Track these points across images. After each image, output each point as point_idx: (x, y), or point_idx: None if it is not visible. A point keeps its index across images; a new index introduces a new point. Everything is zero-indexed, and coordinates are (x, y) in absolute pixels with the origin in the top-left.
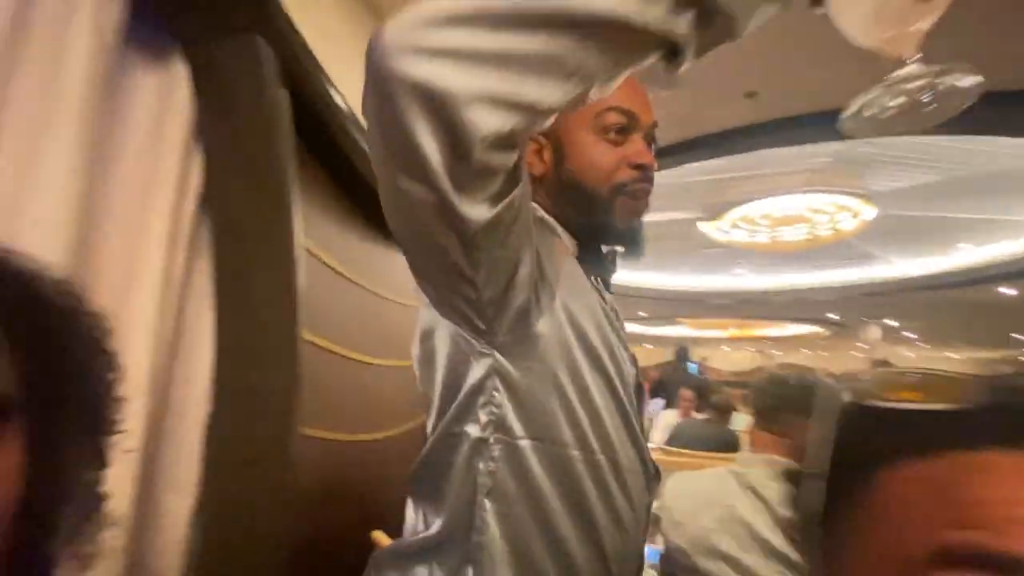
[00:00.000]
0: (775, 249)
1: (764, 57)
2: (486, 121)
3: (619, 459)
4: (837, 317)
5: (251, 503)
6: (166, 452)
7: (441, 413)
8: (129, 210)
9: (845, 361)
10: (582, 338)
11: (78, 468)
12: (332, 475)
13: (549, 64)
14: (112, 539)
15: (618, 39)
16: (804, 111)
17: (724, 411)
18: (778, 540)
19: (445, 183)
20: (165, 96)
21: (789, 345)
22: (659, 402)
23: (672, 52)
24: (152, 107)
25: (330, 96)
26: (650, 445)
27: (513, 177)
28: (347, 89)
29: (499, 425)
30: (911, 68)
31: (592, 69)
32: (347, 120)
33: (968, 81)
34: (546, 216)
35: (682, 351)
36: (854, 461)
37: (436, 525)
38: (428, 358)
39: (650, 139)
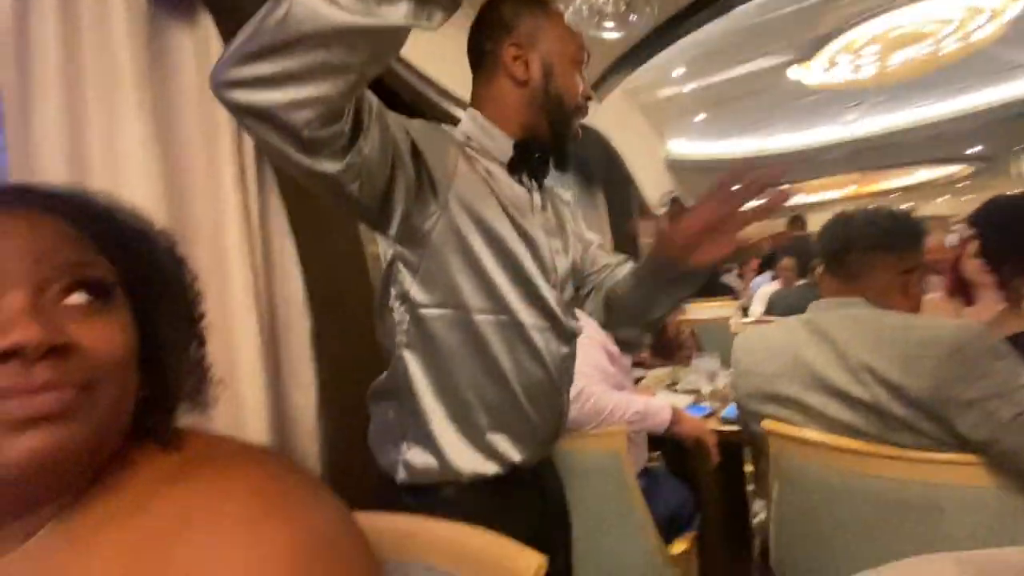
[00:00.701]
0: (890, 80)
1: None
2: (300, 116)
3: (520, 318)
4: (981, 149)
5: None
6: (285, 358)
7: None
8: (198, 160)
9: None
10: (479, 223)
11: (178, 342)
12: None
13: (321, 69)
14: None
15: (355, 39)
16: None
17: None
18: (843, 378)
19: (297, 155)
20: (203, 51)
21: (923, 194)
22: (765, 276)
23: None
24: (194, 63)
25: None
26: (747, 319)
27: (354, 132)
28: None
29: (404, 297)
30: None
31: (355, 61)
32: None
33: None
34: (472, 129)
35: (795, 220)
36: None
37: (387, 371)
38: None
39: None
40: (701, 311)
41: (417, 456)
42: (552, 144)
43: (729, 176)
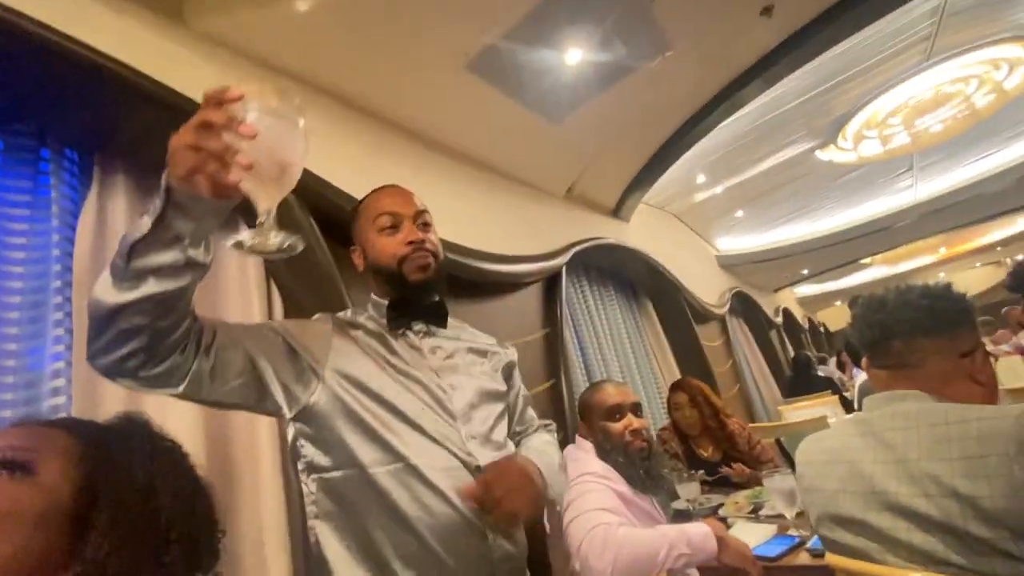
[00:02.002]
0: (931, 142)
1: None
2: (128, 366)
3: (414, 462)
4: None
5: None
6: None
7: None
8: None
9: None
10: (357, 384)
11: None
12: None
13: (119, 336)
14: None
15: (128, 311)
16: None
17: None
18: (906, 491)
19: (144, 389)
20: (241, 259)
21: None
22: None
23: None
24: (235, 266)
25: (341, 197)
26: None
27: (186, 363)
28: (351, 184)
29: (310, 467)
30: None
31: (143, 323)
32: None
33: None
34: (344, 313)
35: (854, 301)
36: None
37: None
38: None
39: (419, 220)
40: (795, 414)
41: None
42: (405, 295)
43: None
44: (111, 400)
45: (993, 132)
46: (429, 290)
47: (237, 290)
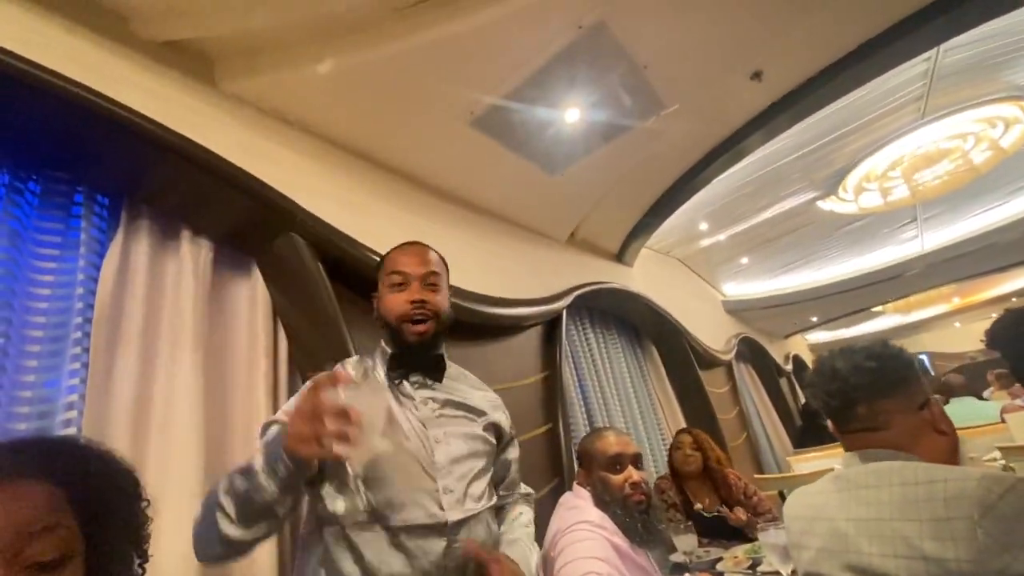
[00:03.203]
0: (931, 195)
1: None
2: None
3: (389, 517)
4: None
5: None
6: None
7: None
8: (242, 384)
9: None
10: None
11: (127, 569)
12: None
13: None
14: None
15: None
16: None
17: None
18: (877, 550)
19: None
20: (251, 295)
21: None
22: None
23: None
24: (245, 304)
25: (349, 243)
26: None
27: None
28: (361, 229)
29: (319, 518)
30: None
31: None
32: (366, 251)
33: None
34: (376, 354)
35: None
36: None
37: None
38: None
39: (426, 282)
40: (804, 465)
41: None
42: (408, 350)
43: None
44: (119, 432)
45: (995, 186)
46: (427, 347)
47: (245, 326)
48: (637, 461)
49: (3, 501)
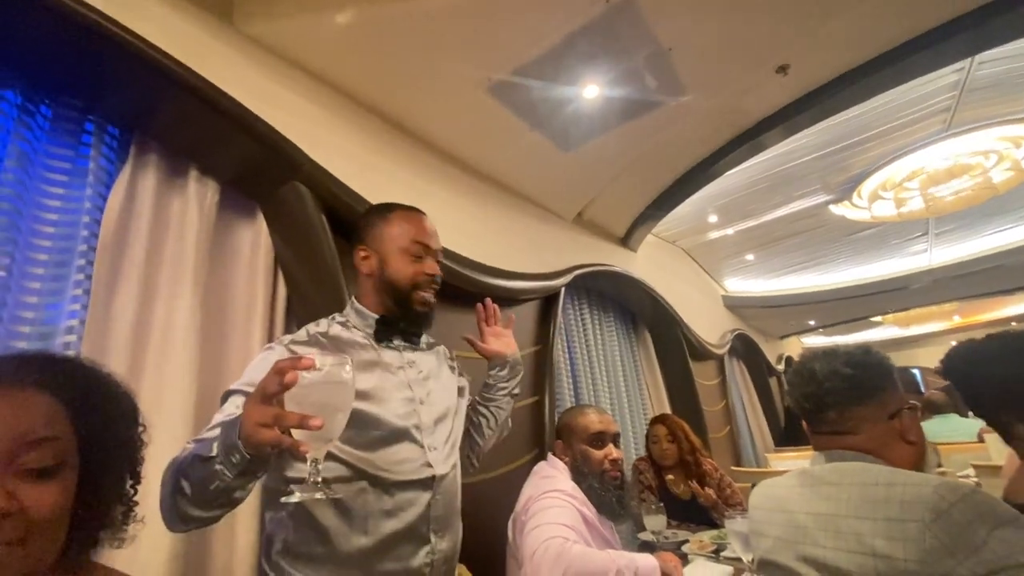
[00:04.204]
0: (946, 210)
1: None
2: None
3: (380, 471)
4: None
5: None
6: None
7: None
8: (239, 327)
9: None
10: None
11: (119, 487)
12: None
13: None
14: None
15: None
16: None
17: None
18: (831, 544)
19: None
20: (255, 239)
21: None
22: None
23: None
24: (248, 250)
25: (352, 198)
26: None
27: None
28: (365, 184)
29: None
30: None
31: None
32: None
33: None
34: (349, 313)
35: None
36: None
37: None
38: None
39: (438, 256)
40: (781, 463)
41: None
42: (402, 316)
43: None
44: (116, 360)
45: (1011, 207)
46: (426, 316)
47: (246, 269)
48: (616, 439)
49: (4, 408)
